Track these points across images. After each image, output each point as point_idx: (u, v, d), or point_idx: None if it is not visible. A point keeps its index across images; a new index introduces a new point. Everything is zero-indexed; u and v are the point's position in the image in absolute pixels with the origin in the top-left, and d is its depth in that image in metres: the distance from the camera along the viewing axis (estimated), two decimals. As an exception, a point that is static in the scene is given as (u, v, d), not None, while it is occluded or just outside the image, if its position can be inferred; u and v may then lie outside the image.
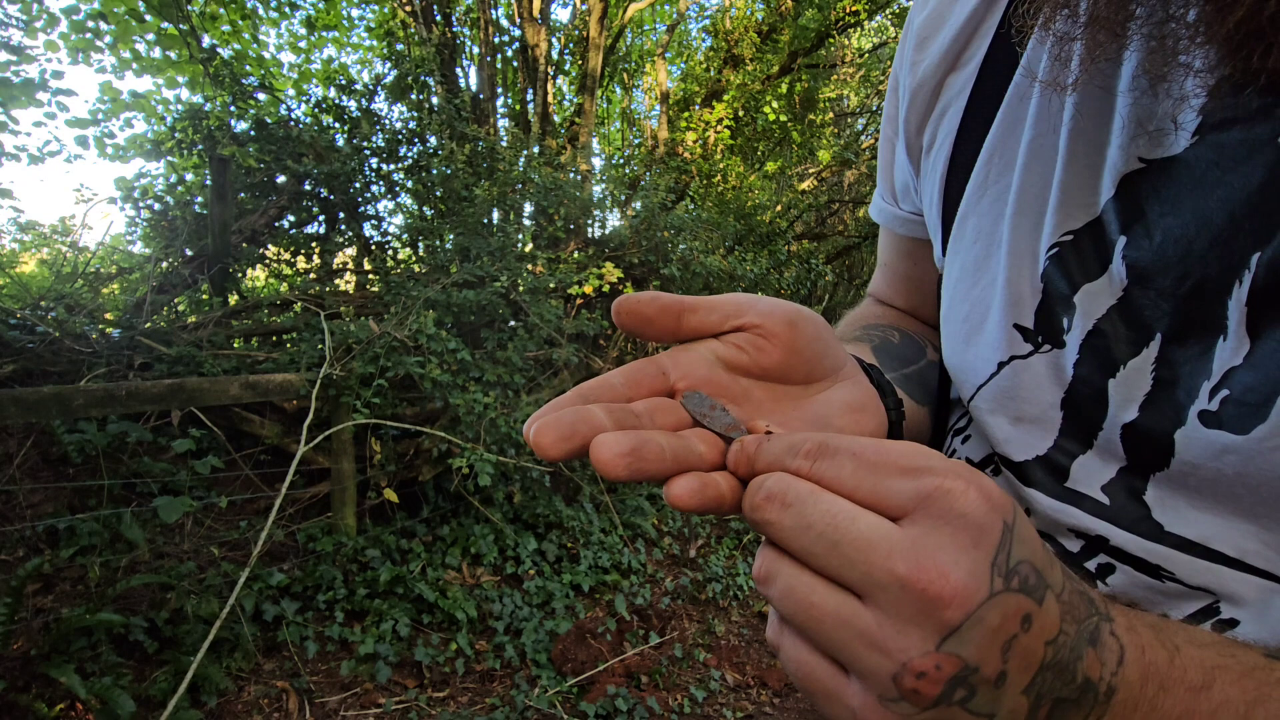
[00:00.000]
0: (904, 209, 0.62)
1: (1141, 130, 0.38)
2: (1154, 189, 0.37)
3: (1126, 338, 0.39)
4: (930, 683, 0.25)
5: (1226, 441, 0.34)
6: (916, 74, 0.52)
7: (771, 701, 2.70)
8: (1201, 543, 0.37)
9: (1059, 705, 0.27)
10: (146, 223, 4.48)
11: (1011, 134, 0.44)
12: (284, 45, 11.03)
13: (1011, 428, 0.45)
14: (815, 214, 8.05)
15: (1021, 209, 0.43)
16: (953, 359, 0.50)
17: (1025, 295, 0.43)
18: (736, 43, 6.78)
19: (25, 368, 2.76)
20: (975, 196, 0.47)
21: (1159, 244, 0.37)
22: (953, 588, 0.24)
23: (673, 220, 4.55)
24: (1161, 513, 0.38)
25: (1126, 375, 0.39)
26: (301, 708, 2.21)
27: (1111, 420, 0.39)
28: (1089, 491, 0.41)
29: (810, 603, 0.27)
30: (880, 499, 0.27)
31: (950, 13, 0.49)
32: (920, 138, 0.54)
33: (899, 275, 0.68)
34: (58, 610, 2.12)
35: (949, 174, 0.50)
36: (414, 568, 2.84)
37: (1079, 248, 0.40)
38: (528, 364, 3.49)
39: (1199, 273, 0.35)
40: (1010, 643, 0.25)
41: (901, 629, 0.25)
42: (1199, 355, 0.36)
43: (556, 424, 0.31)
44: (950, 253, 0.50)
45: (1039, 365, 0.43)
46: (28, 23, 5.06)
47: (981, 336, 0.46)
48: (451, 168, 4.50)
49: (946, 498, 0.25)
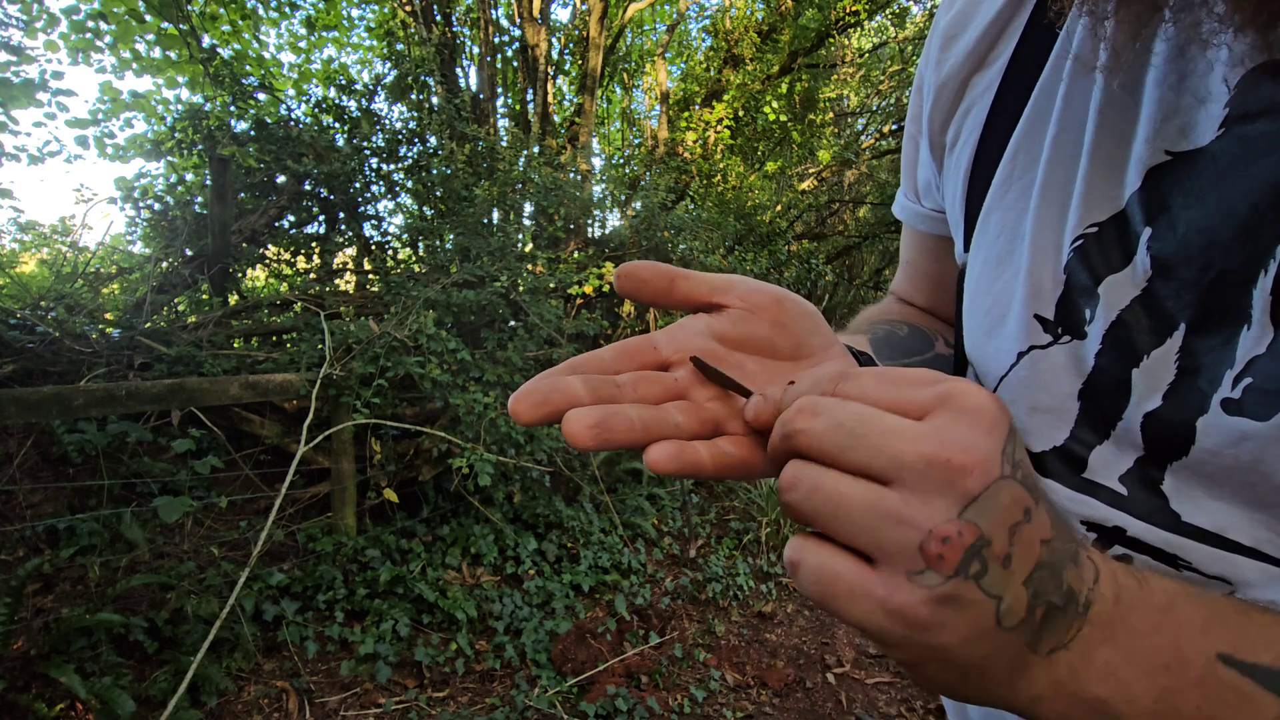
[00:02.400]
0: (926, 206, 0.63)
1: (1168, 124, 0.38)
2: (1178, 181, 0.37)
3: (1149, 328, 0.39)
4: (953, 548, 0.27)
5: (1246, 428, 0.35)
6: (941, 72, 0.52)
7: (771, 701, 2.70)
8: (1218, 532, 0.37)
9: (1051, 612, 0.29)
10: (146, 223, 4.48)
11: (1037, 130, 0.45)
12: (284, 45, 11.05)
13: (1028, 418, 0.45)
14: (815, 214, 8.06)
15: (1045, 203, 0.44)
16: (974, 352, 0.51)
17: (1047, 287, 0.43)
18: (736, 43, 6.77)
19: (25, 368, 2.76)
20: (1000, 192, 0.47)
21: (1183, 235, 0.37)
22: (975, 459, 0.27)
23: (673, 220, 4.55)
24: (1179, 502, 0.38)
25: (1150, 365, 0.39)
26: (301, 708, 2.21)
27: (1133, 410, 0.40)
28: (1106, 482, 0.42)
29: (840, 493, 0.29)
30: (903, 403, 0.29)
31: (977, 12, 0.50)
32: (944, 135, 0.54)
33: (920, 273, 0.69)
34: (58, 610, 2.12)
35: (973, 170, 0.50)
36: (414, 568, 2.84)
37: (1103, 240, 0.41)
38: (528, 364, 3.49)
39: (1223, 263, 0.36)
40: (1016, 527, 0.28)
41: (927, 500, 0.27)
42: (1222, 345, 0.36)
43: (532, 392, 0.33)
44: (974, 247, 0.50)
45: (1058, 356, 0.43)
46: (28, 23, 5.06)
47: (1003, 329, 0.46)
48: (451, 168, 4.50)
49: (964, 395, 0.28)
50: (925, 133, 0.57)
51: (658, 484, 4.29)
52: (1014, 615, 0.28)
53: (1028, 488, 0.28)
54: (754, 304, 0.42)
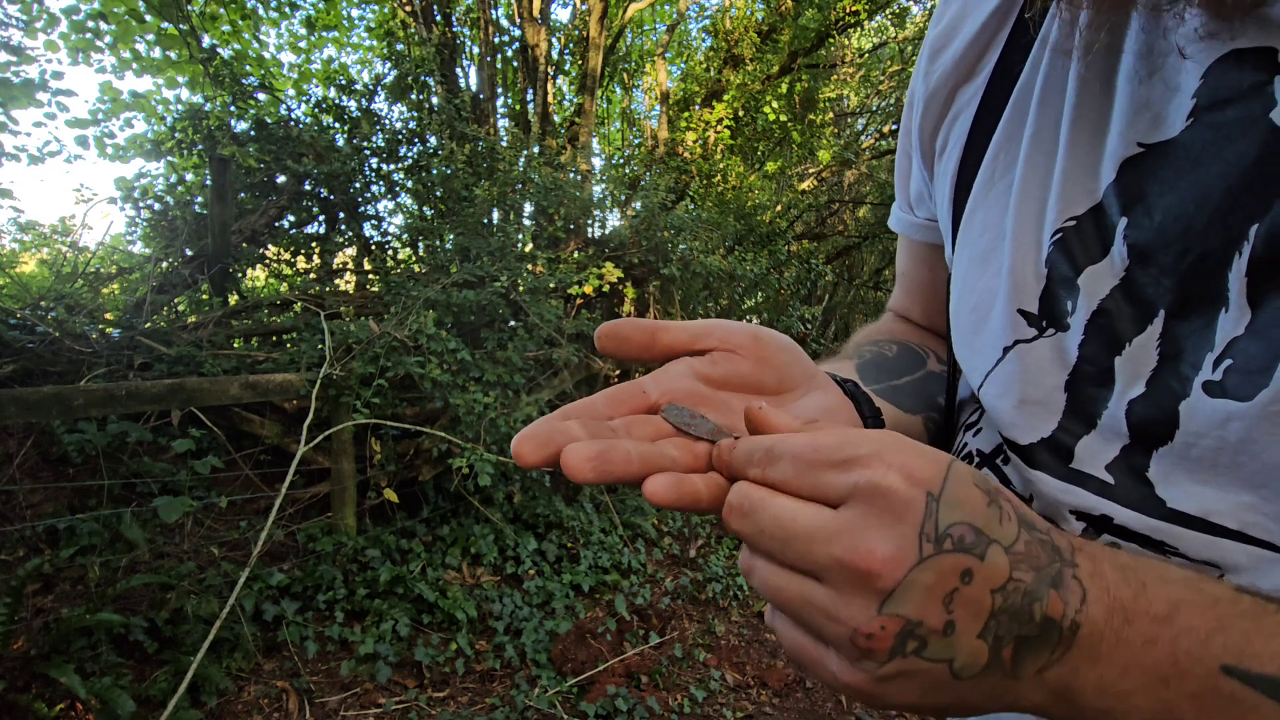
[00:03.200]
0: (919, 216, 0.65)
1: (1140, 116, 0.39)
2: (1152, 171, 0.39)
3: (1130, 316, 0.39)
4: (880, 640, 0.29)
5: (1231, 409, 0.35)
6: (930, 83, 0.54)
7: (771, 701, 2.70)
8: (1203, 517, 0.37)
9: (1023, 643, 0.30)
10: (146, 223, 4.48)
11: (1016, 130, 0.46)
12: (284, 45, 11.04)
13: (1016, 411, 0.46)
14: (815, 214, 8.06)
15: (1025, 199, 0.45)
16: (961, 349, 0.51)
17: (1029, 281, 0.44)
18: (736, 43, 6.77)
19: (25, 368, 2.76)
20: (983, 192, 0.49)
21: (1159, 222, 0.38)
22: (880, 560, 0.28)
23: (673, 220, 4.55)
24: (1164, 489, 0.39)
25: (1132, 353, 0.39)
26: (301, 708, 2.21)
27: (1117, 398, 0.40)
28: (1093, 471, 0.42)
29: (779, 588, 0.32)
30: (820, 492, 0.31)
31: (963, 26, 0.52)
32: (933, 143, 0.56)
33: (915, 284, 0.70)
34: (58, 610, 2.12)
35: (959, 174, 0.51)
36: (414, 568, 2.84)
37: (1081, 232, 0.42)
38: (528, 364, 3.49)
39: (1199, 247, 0.36)
40: (951, 595, 0.28)
41: (848, 600, 0.29)
42: (1202, 329, 0.37)
43: (534, 435, 0.35)
44: (959, 247, 0.52)
45: (1043, 348, 0.44)
46: (28, 23, 5.06)
47: (989, 325, 0.47)
48: (451, 168, 4.50)
49: (870, 486, 0.29)
50: (915, 142, 0.58)
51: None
52: (972, 667, 0.30)
53: (964, 549, 0.29)
54: (733, 344, 0.44)
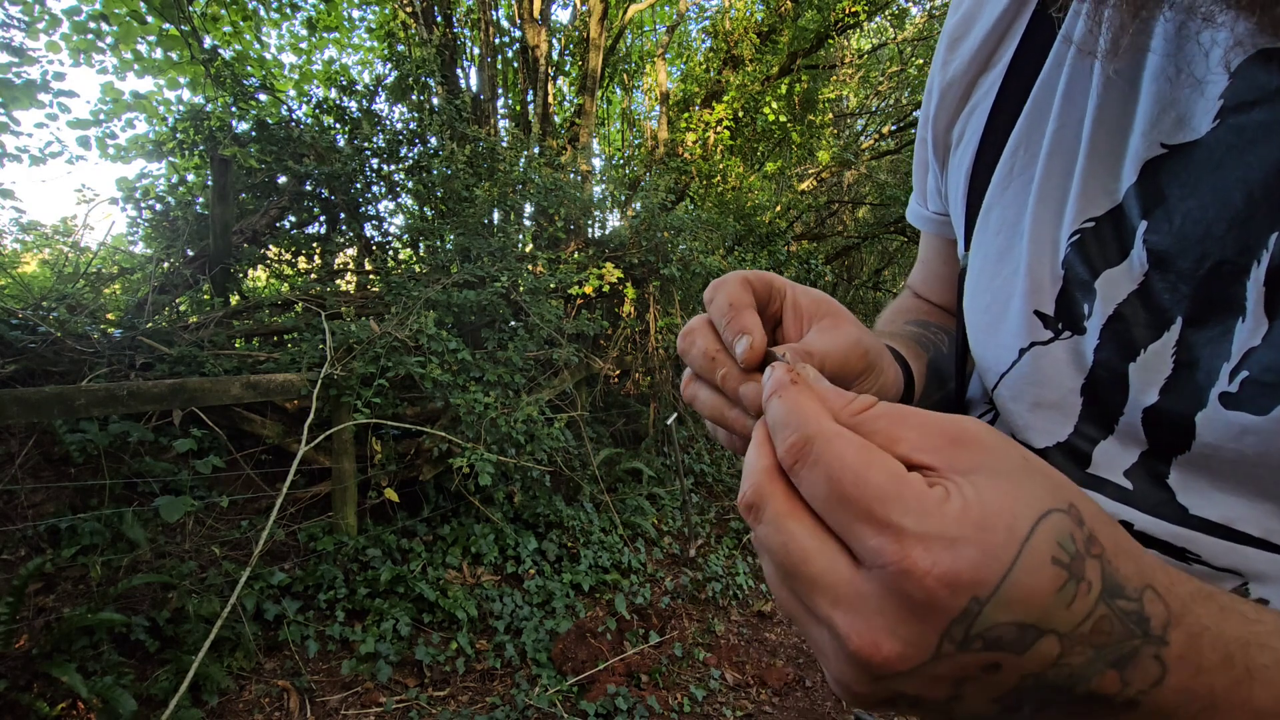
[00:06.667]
0: (930, 209, 0.64)
1: (1164, 116, 0.38)
2: (1174, 174, 0.37)
3: (1146, 322, 0.39)
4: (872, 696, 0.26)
5: (1246, 422, 0.34)
6: (947, 74, 0.53)
7: (771, 701, 2.71)
8: (1225, 524, 0.37)
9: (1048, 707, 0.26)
10: (148, 223, 4.49)
11: (1037, 127, 0.45)
12: (285, 46, 11.04)
13: (1031, 414, 0.45)
14: (815, 214, 8.07)
15: (1044, 198, 0.44)
16: (976, 348, 0.51)
17: (1046, 282, 0.43)
18: (736, 43, 6.78)
19: (27, 368, 2.76)
20: (1000, 188, 0.48)
21: (1179, 227, 0.37)
22: (883, 656, 0.24)
23: (673, 220, 4.55)
24: (1185, 496, 0.38)
25: (1147, 359, 0.39)
26: (302, 707, 2.21)
27: (1133, 405, 0.39)
28: (1111, 477, 0.41)
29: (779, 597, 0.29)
30: (843, 535, 0.26)
31: (980, 15, 0.51)
32: (949, 135, 0.55)
33: (933, 274, 0.71)
34: (59, 609, 2.13)
35: (974, 168, 0.50)
36: (414, 567, 2.85)
37: (1100, 234, 0.41)
38: (528, 364, 3.50)
39: (1217, 254, 0.35)
40: (963, 683, 0.25)
41: (842, 662, 0.26)
42: (1218, 337, 0.36)
43: None
44: (974, 244, 0.51)
45: (1059, 351, 0.43)
46: (29, 24, 5.07)
47: (1004, 325, 0.47)
48: (452, 168, 4.51)
49: (899, 573, 0.23)
50: (930, 133, 0.57)
51: (658, 483, 4.29)
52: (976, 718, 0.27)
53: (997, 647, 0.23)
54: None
